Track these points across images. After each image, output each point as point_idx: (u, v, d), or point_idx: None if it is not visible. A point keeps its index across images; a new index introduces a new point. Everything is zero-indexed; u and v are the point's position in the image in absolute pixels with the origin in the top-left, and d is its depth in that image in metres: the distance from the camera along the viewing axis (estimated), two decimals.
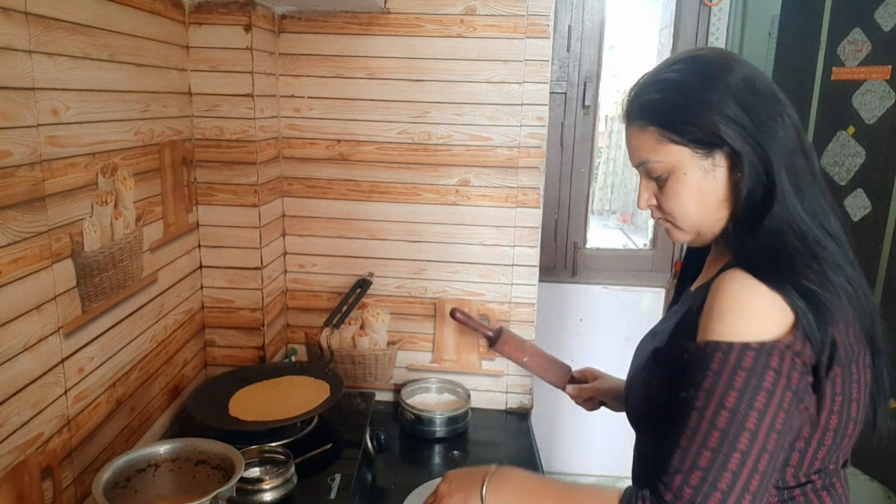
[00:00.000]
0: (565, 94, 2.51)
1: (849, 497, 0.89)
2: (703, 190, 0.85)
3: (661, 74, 0.88)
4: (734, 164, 0.83)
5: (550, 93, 1.67)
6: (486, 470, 0.93)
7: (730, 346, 0.74)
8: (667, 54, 2.63)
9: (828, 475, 0.86)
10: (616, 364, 1.34)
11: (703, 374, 0.76)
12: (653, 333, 1.03)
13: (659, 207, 0.90)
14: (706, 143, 0.82)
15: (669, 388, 0.83)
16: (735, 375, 0.73)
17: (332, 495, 1.18)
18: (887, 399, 0.88)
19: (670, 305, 1.12)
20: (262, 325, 1.56)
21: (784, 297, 0.74)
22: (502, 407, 1.74)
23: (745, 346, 0.74)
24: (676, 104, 0.84)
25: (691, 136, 0.83)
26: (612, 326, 2.62)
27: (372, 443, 1.42)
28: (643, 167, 0.89)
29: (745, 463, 0.72)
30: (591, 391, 1.28)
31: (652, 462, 0.83)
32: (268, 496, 1.12)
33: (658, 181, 0.89)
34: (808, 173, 0.83)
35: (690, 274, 1.05)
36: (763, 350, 0.73)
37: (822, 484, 0.85)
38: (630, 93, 0.91)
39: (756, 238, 0.81)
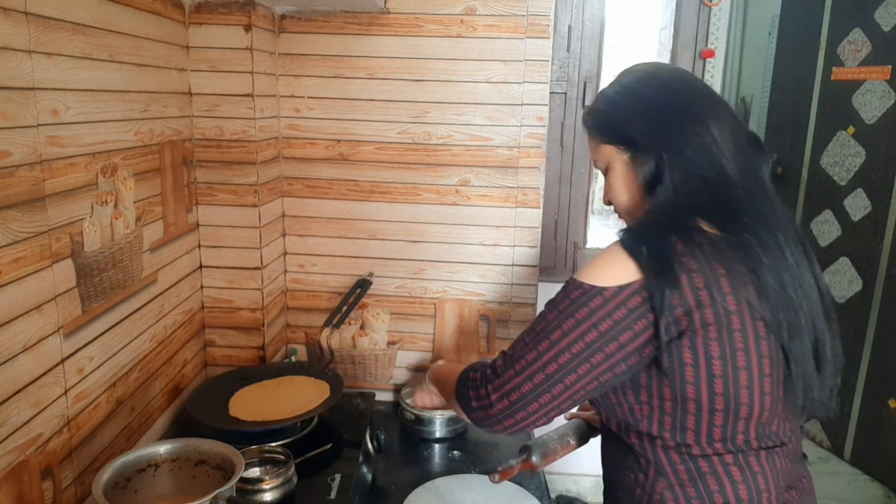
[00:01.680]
0: (565, 94, 2.51)
1: (772, 479, 0.88)
2: (626, 179, 1.00)
3: (601, 91, 1.07)
4: (638, 155, 0.98)
5: (550, 93, 1.68)
6: (432, 366, 1.22)
7: (572, 280, 0.90)
8: (667, 54, 2.63)
9: (739, 450, 0.87)
10: None
11: (550, 300, 0.92)
12: None
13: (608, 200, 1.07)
14: (620, 140, 0.99)
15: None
16: (562, 301, 0.89)
17: (332, 495, 1.18)
18: (824, 374, 0.90)
19: None
20: (262, 325, 1.56)
21: (634, 259, 0.85)
22: None
23: (580, 284, 0.88)
24: (602, 111, 1.03)
25: (610, 135, 1.01)
26: None
27: (372, 443, 1.42)
28: (596, 166, 1.07)
29: (537, 360, 0.88)
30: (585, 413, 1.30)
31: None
32: (268, 496, 1.12)
33: (606, 178, 1.05)
34: (713, 165, 0.92)
35: None
36: (589, 292, 0.86)
37: (733, 459, 0.87)
38: (584, 110, 1.10)
39: (650, 214, 0.94)
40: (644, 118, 0.96)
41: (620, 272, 0.86)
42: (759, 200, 0.92)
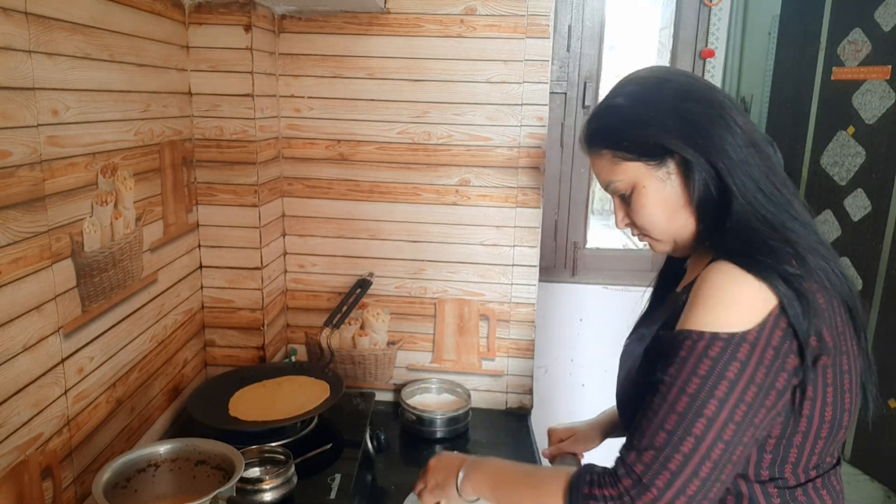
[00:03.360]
0: (565, 94, 2.51)
1: (844, 495, 0.89)
2: (664, 198, 0.90)
3: (605, 103, 0.96)
4: (685, 170, 0.87)
5: (550, 93, 1.67)
6: (461, 461, 0.98)
7: (700, 334, 0.77)
8: (667, 54, 2.63)
9: (825, 471, 0.86)
10: (616, 364, 1.34)
11: (672, 359, 0.78)
12: (639, 337, 1.04)
13: (633, 224, 0.95)
14: (654, 154, 0.88)
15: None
16: (700, 363, 0.75)
17: (332, 495, 1.18)
18: (875, 381, 0.89)
19: (648, 310, 1.12)
20: (262, 325, 1.56)
21: (769, 286, 0.76)
22: (502, 407, 1.75)
23: (715, 336, 0.75)
24: (620, 125, 0.91)
25: (639, 150, 0.89)
26: (612, 326, 2.61)
27: (372, 443, 1.42)
28: (610, 188, 0.95)
29: (698, 448, 0.73)
30: (570, 448, 1.29)
31: None
32: (268, 496, 1.12)
33: (625, 199, 0.94)
34: (763, 165, 0.86)
35: (669, 281, 1.07)
36: (732, 341, 0.75)
37: (822, 482, 0.85)
38: (585, 125, 0.97)
39: (727, 234, 0.84)
40: (677, 125, 0.86)
41: (752, 306, 0.75)
42: (797, 203, 0.87)
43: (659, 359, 0.83)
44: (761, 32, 2.88)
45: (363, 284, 1.65)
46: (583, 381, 2.66)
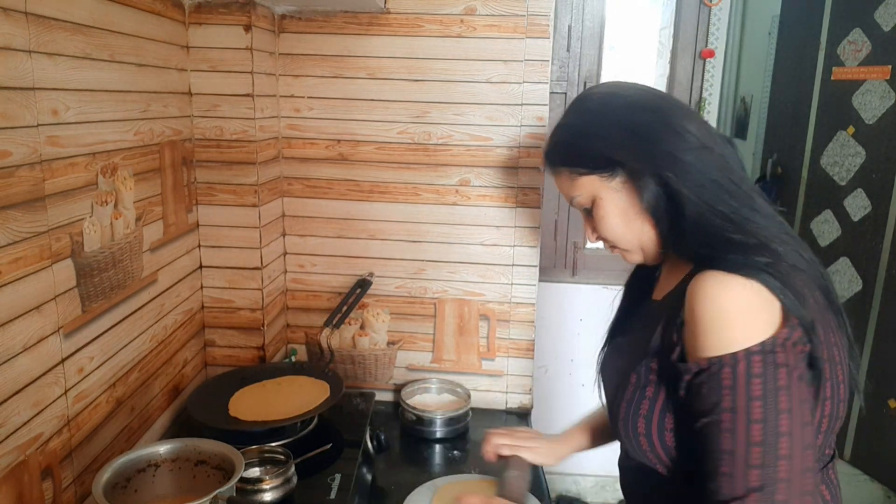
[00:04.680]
0: (565, 94, 2.52)
1: (839, 485, 0.89)
2: (620, 208, 0.92)
3: (559, 122, 1.00)
4: (633, 178, 0.90)
5: (550, 93, 1.68)
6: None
7: (734, 356, 0.74)
8: (667, 54, 2.63)
9: (824, 464, 0.87)
10: None
11: (720, 393, 0.75)
12: (617, 348, 1.03)
13: (600, 236, 0.98)
14: (604, 166, 0.91)
15: (674, 410, 0.84)
16: (751, 385, 0.73)
17: (332, 495, 1.18)
18: (857, 364, 0.89)
19: (620, 317, 1.10)
20: (262, 325, 1.56)
21: (761, 282, 0.75)
22: (502, 407, 1.75)
23: (749, 353, 0.74)
24: (571, 142, 0.95)
25: (591, 164, 0.92)
26: None
27: (372, 443, 1.42)
28: (574, 203, 0.98)
29: (793, 467, 0.72)
30: (531, 457, 1.22)
31: (641, 474, 0.85)
32: (268, 496, 1.12)
33: (588, 213, 0.97)
34: (719, 164, 0.88)
35: (640, 288, 1.06)
36: (765, 351, 0.74)
37: (822, 477, 0.86)
38: (544, 145, 1.01)
39: (686, 236, 0.85)
40: (624, 136, 0.89)
41: (762, 308, 0.75)
42: (761, 197, 0.89)
43: (684, 390, 0.80)
44: (761, 32, 2.88)
45: (363, 284, 1.65)
46: (583, 381, 2.66)
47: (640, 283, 1.08)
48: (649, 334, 0.90)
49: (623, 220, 0.92)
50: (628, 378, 0.92)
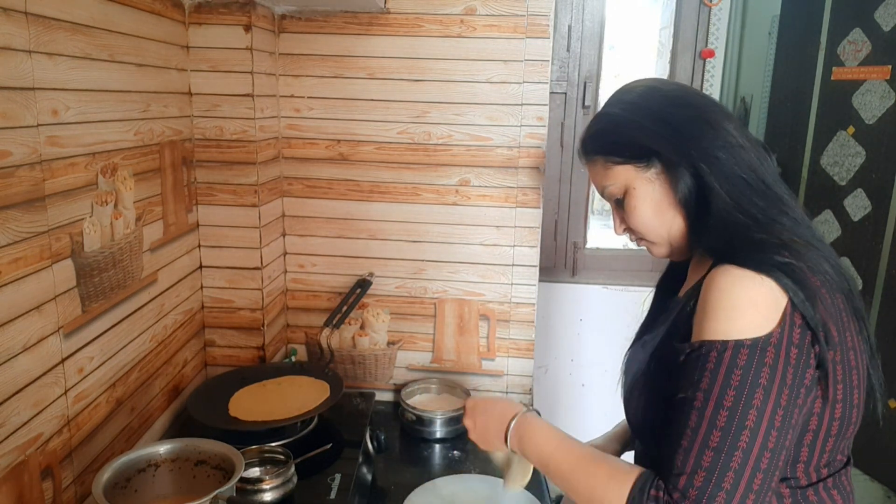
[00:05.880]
0: (565, 94, 2.51)
1: (854, 495, 0.89)
2: (654, 199, 0.92)
3: (599, 113, 1.00)
4: (669, 169, 0.91)
5: (550, 93, 1.68)
6: (513, 411, 0.99)
7: (724, 344, 0.76)
8: (667, 54, 2.63)
9: (836, 470, 0.86)
10: (616, 364, 1.34)
11: (700, 373, 0.77)
12: (642, 343, 1.03)
13: (629, 228, 0.98)
14: (640, 156, 0.92)
15: (667, 390, 0.84)
16: (731, 374, 0.74)
17: (332, 495, 1.18)
18: (880, 376, 0.88)
19: (650, 316, 1.12)
20: (262, 325, 1.56)
21: (774, 280, 0.76)
22: None
23: (740, 344, 0.75)
24: (609, 131, 0.95)
25: (627, 153, 0.93)
26: (612, 326, 2.62)
27: (372, 443, 1.42)
28: (605, 194, 0.99)
29: (747, 462, 0.73)
30: None
31: (656, 469, 0.83)
32: (268, 496, 1.12)
33: (620, 204, 0.97)
34: (754, 163, 0.88)
35: (670, 287, 1.07)
36: (756, 346, 0.74)
37: (833, 482, 0.85)
38: (581, 136, 1.02)
39: (711, 231, 0.86)
40: (663, 128, 0.89)
41: (767, 306, 0.75)
42: (792, 201, 0.89)
43: (676, 371, 0.82)
44: (761, 32, 2.88)
45: (363, 284, 1.65)
46: (583, 381, 2.66)
47: (669, 284, 1.09)
48: (667, 326, 0.93)
49: (654, 211, 0.93)
50: (642, 370, 0.94)
